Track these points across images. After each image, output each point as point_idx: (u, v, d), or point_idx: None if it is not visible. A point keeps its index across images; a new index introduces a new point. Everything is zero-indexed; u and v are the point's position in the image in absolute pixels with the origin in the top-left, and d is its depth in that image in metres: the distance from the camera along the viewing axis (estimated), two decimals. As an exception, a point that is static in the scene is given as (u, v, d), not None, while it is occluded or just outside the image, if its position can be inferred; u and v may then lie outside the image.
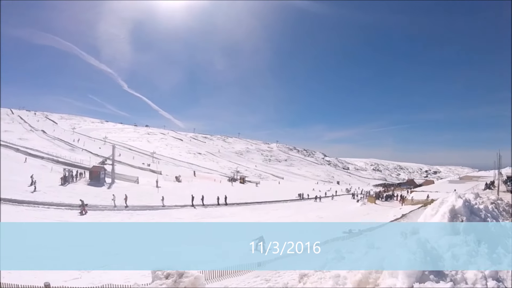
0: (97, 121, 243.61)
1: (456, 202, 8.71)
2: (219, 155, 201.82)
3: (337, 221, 30.19)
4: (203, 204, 39.95)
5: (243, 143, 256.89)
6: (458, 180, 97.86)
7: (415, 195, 53.96)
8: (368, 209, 42.43)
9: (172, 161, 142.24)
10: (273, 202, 51.59)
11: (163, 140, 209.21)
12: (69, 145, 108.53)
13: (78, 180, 44.91)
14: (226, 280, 11.64)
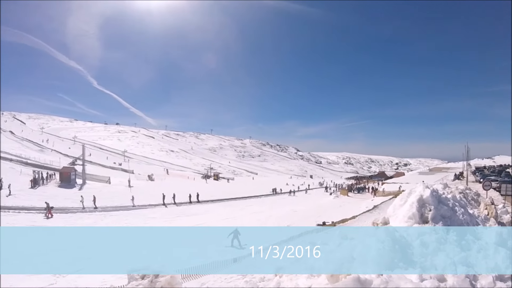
0: (66, 120, 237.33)
1: (424, 192, 8.95)
2: (192, 152, 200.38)
3: (311, 214, 30.52)
4: (174, 203, 39.53)
5: (216, 139, 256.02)
6: (428, 171, 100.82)
7: (387, 187, 55.11)
8: (341, 201, 43.06)
9: (144, 159, 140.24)
10: (248, 197, 51.74)
11: (134, 138, 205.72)
12: (38, 146, 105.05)
13: (48, 182, 43.59)
14: (204, 277, 11.58)
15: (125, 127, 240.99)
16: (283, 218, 29.06)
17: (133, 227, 27.21)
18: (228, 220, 28.01)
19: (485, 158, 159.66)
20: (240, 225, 20.43)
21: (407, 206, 8.79)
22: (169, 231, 25.07)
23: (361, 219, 22.95)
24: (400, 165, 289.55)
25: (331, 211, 32.10)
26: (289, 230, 22.81)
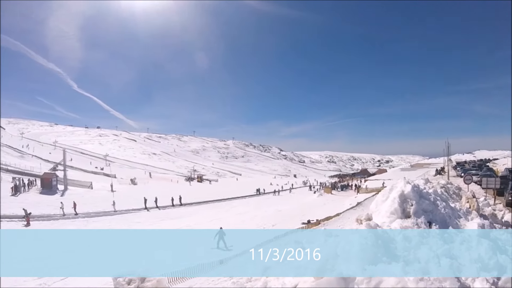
0: (46, 124, 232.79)
1: (405, 187, 9.08)
2: (175, 154, 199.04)
3: (296, 213, 30.64)
4: (157, 207, 39.13)
5: (199, 141, 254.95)
6: (410, 167, 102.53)
7: (369, 184, 55.85)
8: (325, 199, 43.39)
9: (127, 163, 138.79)
10: (232, 199, 51.66)
11: (116, 141, 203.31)
12: (18, 152, 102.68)
13: (29, 189, 42.59)
14: (190, 280, 11.52)
15: (106, 130, 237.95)
16: (268, 218, 29.12)
17: (119, 230, 26.97)
18: (213, 221, 27.90)
19: (465, 153, 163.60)
20: (225, 226, 20.32)
21: (389, 202, 8.90)
22: (154, 234, 24.88)
23: (345, 216, 23.16)
24: (382, 162, 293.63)
25: (316, 210, 32.30)
26: (274, 230, 22.95)
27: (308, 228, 19.92)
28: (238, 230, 23.70)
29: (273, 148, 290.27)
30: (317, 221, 22.62)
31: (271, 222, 27.00)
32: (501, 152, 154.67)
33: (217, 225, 20.91)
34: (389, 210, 8.65)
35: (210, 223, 27.64)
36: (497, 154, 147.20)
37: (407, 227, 7.72)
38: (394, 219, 8.37)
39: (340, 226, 18.23)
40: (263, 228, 24.95)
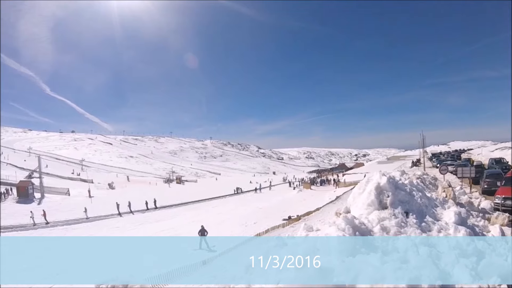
0: (19, 130, 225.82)
1: (381, 179, 9.23)
2: (152, 156, 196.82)
3: (276, 210, 30.75)
4: (130, 211, 38.40)
5: (176, 142, 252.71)
6: (386, 160, 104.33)
7: (348, 178, 56.51)
8: (305, 195, 43.70)
9: (103, 167, 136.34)
10: (212, 199, 51.48)
11: (91, 145, 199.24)
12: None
13: (5, 198, 41.33)
14: (174, 283, 11.42)
15: (81, 134, 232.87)
16: (249, 216, 29.13)
17: (99, 237, 26.51)
18: (194, 223, 27.73)
19: (440, 145, 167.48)
20: (206, 227, 20.22)
21: (366, 194, 9.02)
22: (135, 239, 24.56)
23: (325, 210, 23.37)
24: (360, 156, 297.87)
25: (296, 205, 32.48)
26: (256, 227, 23.00)
27: (289, 224, 20.03)
28: (220, 229, 23.68)
29: (251, 147, 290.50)
30: (297, 217, 22.77)
31: (252, 220, 27.02)
32: (475, 143, 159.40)
33: (198, 226, 20.77)
34: (366, 202, 8.77)
35: (190, 225, 27.47)
36: (471, 145, 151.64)
37: (384, 218, 7.85)
38: (371, 210, 8.50)
39: (320, 220, 18.38)
40: (245, 226, 24.94)
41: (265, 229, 19.00)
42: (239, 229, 24.16)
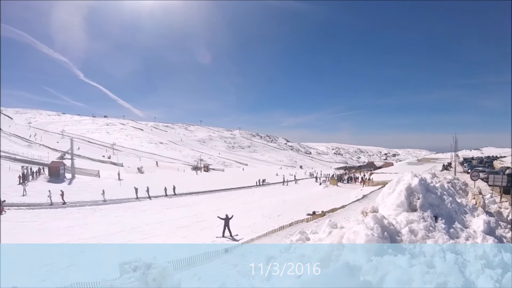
0: (53, 113, 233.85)
1: (412, 180, 9.03)
2: (182, 143, 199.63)
3: (301, 204, 30.64)
4: (148, 197, 38.46)
5: (205, 130, 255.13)
6: (417, 162, 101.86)
7: (375, 177, 55.58)
8: (331, 191, 43.28)
9: (133, 152, 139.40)
10: (238, 188, 51.75)
11: (123, 130, 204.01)
12: (26, 141, 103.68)
13: (37, 177, 43.06)
14: (195, 268, 11.58)
15: (113, 119, 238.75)
16: (274, 208, 29.14)
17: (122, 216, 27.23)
18: (219, 211, 27.99)
19: (473, 149, 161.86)
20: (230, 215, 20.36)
21: (396, 195, 8.86)
22: (160, 223, 25.05)
23: (351, 208, 23.09)
24: (389, 156, 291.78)
25: (321, 201, 32.24)
26: (279, 220, 23.01)
27: (313, 219, 19.92)
28: (244, 219, 23.82)
29: (279, 139, 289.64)
30: (322, 212, 22.60)
31: (276, 212, 27.02)
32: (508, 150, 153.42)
33: (222, 214, 20.97)
34: (395, 202, 8.61)
35: (215, 212, 27.73)
36: (504, 152, 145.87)
37: (413, 221, 7.70)
38: (400, 212, 8.35)
39: (345, 218, 18.21)
40: (268, 217, 25.00)
41: (288, 222, 18.95)
42: (263, 220, 24.22)
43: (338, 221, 13.17)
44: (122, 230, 22.42)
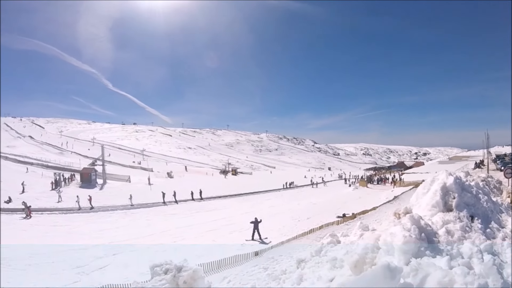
0: (84, 122, 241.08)
1: (447, 179, 8.77)
2: (210, 148, 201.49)
3: (330, 207, 30.32)
4: (175, 201, 38.48)
5: (232, 135, 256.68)
6: (448, 160, 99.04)
7: (406, 177, 54.50)
8: (360, 193, 42.66)
9: (163, 157, 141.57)
10: (266, 191, 51.67)
11: (152, 137, 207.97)
12: (57, 149, 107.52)
13: (69, 183, 44.47)
14: (225, 271, 11.62)
15: (142, 126, 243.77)
16: (302, 211, 28.93)
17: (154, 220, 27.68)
18: (248, 214, 28.03)
19: (505, 146, 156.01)
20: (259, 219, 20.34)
21: (431, 194, 8.62)
22: (190, 226, 25.29)
23: (382, 210, 22.71)
24: (419, 155, 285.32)
25: (351, 203, 31.83)
26: (309, 223, 22.83)
27: (343, 222, 19.68)
28: (272, 222, 23.74)
29: (306, 141, 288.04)
30: (352, 215, 22.30)
31: (305, 215, 26.80)
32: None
33: (250, 217, 20.98)
34: (430, 203, 8.38)
35: (244, 215, 27.79)
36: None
37: (448, 221, 7.47)
38: (435, 212, 8.11)
39: (376, 220, 17.90)
40: (298, 220, 24.84)
41: (318, 225, 18.77)
42: (292, 223, 24.06)
43: (369, 223, 12.95)
44: (152, 234, 22.77)
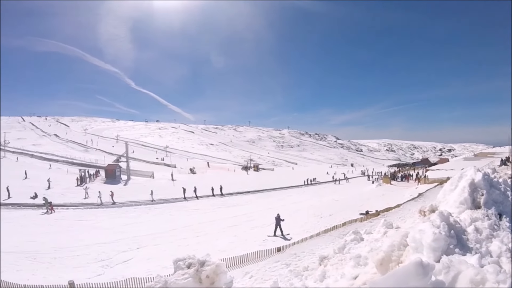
0: (108, 120, 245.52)
1: (476, 175, 8.55)
2: (231, 144, 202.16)
3: (353, 204, 30.03)
4: (196, 196, 38.83)
5: (254, 131, 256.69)
6: (473, 157, 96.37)
7: (431, 174, 53.36)
8: (384, 190, 42.05)
9: (185, 153, 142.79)
10: (288, 188, 51.57)
11: (174, 133, 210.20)
12: (82, 146, 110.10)
13: (94, 179, 45.53)
14: (247, 266, 11.67)
15: (165, 123, 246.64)
16: (325, 208, 28.74)
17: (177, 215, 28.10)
18: (269, 210, 28.04)
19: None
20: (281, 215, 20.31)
21: (458, 191, 8.42)
22: (213, 222, 25.49)
23: (406, 208, 22.31)
24: (444, 151, 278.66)
25: (374, 200, 31.42)
26: (331, 220, 22.68)
27: (366, 219, 19.45)
28: (294, 218, 23.67)
29: (329, 137, 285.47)
30: (376, 212, 22.02)
31: (328, 211, 26.62)
32: None
33: (272, 214, 20.99)
34: (458, 200, 8.18)
35: (265, 211, 27.82)
36: None
37: (477, 219, 7.28)
38: (463, 209, 7.91)
39: (400, 217, 17.60)
40: (320, 217, 24.69)
41: (341, 222, 18.60)
42: (314, 219, 23.95)
43: (393, 221, 12.75)
44: (175, 228, 23.10)
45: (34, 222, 23.90)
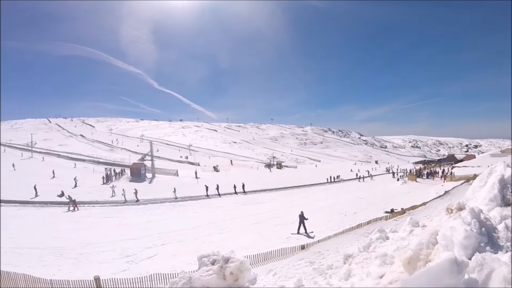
0: (132, 120, 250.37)
1: (505, 171, 8.28)
2: (254, 142, 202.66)
3: (378, 201, 29.64)
4: (218, 194, 39.06)
5: (276, 128, 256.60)
6: (500, 153, 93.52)
7: (457, 171, 52.13)
8: (409, 187, 41.34)
9: (209, 152, 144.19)
10: (311, 185, 51.25)
11: (198, 132, 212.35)
12: (108, 146, 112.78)
13: (120, 177, 46.48)
14: (271, 263, 11.65)
15: (188, 122, 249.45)
16: (349, 206, 28.45)
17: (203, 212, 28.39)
18: (293, 207, 27.95)
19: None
20: (304, 213, 20.21)
21: (488, 187, 8.17)
22: (237, 219, 25.60)
23: (432, 206, 21.84)
24: (470, 147, 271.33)
25: (399, 198, 30.92)
26: (356, 217, 22.47)
27: (392, 217, 19.15)
28: (318, 216, 23.53)
29: (352, 133, 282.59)
30: (401, 210, 21.65)
31: (352, 209, 26.34)
32: None
33: (296, 211, 20.92)
34: (487, 196, 7.93)
35: (289, 209, 27.75)
36: None
37: (507, 216, 7.05)
38: (493, 206, 7.67)
39: (426, 216, 17.26)
40: (344, 215, 24.47)
41: (366, 220, 18.36)
42: (338, 217, 23.75)
43: (419, 219, 12.50)
44: (199, 225, 23.33)
45: (60, 220, 24.61)
